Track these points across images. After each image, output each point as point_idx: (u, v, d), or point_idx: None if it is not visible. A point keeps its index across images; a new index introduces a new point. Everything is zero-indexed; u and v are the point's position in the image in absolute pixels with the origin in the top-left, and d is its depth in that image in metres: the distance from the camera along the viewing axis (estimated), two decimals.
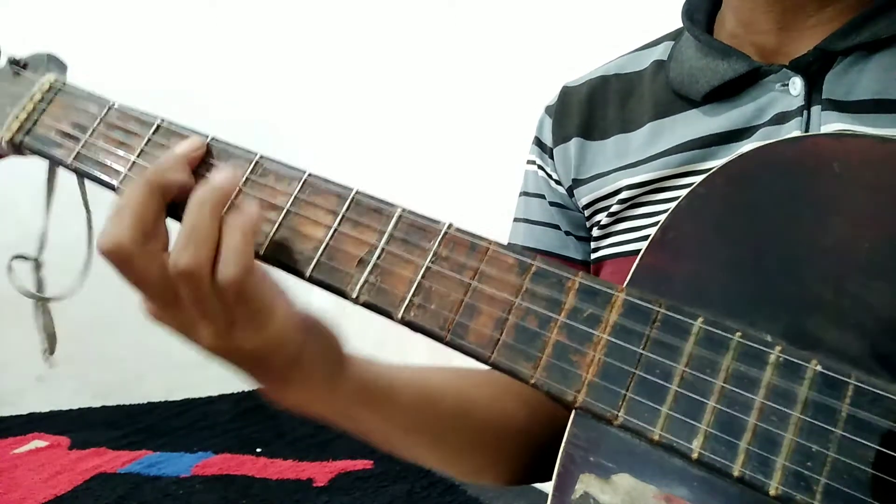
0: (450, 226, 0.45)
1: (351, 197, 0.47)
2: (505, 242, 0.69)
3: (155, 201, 0.45)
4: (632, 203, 0.59)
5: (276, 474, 2.36)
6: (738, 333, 0.38)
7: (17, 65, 0.58)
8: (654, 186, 0.58)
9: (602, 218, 0.62)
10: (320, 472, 2.35)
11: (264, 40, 3.38)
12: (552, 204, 0.68)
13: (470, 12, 2.59)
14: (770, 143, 0.43)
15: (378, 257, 0.45)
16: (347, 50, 3.31)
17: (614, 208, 0.60)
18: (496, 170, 2.25)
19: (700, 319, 0.39)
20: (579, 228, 0.66)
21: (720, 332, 0.38)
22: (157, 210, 0.45)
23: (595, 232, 0.63)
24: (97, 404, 3.06)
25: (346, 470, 2.35)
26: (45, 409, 2.97)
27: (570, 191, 0.66)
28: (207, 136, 0.51)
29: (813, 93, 0.52)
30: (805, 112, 0.52)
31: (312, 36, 3.41)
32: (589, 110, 0.66)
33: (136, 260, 0.43)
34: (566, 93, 0.69)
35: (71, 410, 3.01)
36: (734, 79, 0.55)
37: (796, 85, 0.52)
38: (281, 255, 0.47)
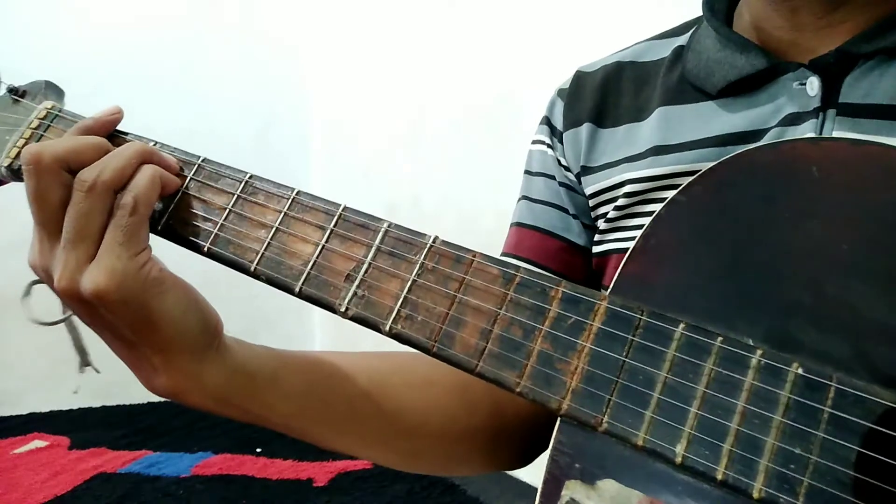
0: (435, 239, 0.46)
1: (338, 213, 0.48)
2: (501, 249, 0.69)
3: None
4: (641, 199, 0.58)
5: (276, 474, 2.36)
6: (720, 338, 0.38)
7: (16, 93, 0.59)
8: (665, 182, 0.57)
9: (609, 210, 0.61)
10: (320, 472, 2.36)
11: (266, 38, 3.37)
12: (562, 185, 0.66)
13: (470, 12, 2.58)
14: (748, 150, 0.42)
15: (365, 272, 0.46)
16: (347, 49, 3.30)
17: (621, 202, 0.59)
18: (499, 164, 2.25)
19: (682, 325, 0.39)
20: (585, 215, 0.65)
21: (702, 337, 0.39)
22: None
23: (602, 224, 0.62)
24: (97, 404, 3.06)
25: (346, 470, 2.36)
26: (45, 409, 2.98)
27: (578, 177, 0.65)
28: (199, 158, 0.52)
29: (830, 95, 0.50)
30: (820, 114, 0.50)
31: (314, 35, 3.40)
32: (602, 96, 0.64)
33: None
34: (580, 76, 0.68)
35: (71, 410, 3.01)
36: (751, 74, 0.54)
37: (814, 85, 0.51)
38: (271, 271, 0.48)
